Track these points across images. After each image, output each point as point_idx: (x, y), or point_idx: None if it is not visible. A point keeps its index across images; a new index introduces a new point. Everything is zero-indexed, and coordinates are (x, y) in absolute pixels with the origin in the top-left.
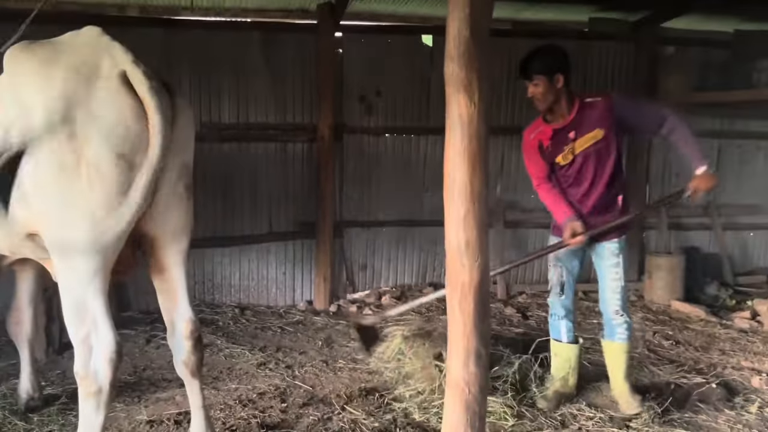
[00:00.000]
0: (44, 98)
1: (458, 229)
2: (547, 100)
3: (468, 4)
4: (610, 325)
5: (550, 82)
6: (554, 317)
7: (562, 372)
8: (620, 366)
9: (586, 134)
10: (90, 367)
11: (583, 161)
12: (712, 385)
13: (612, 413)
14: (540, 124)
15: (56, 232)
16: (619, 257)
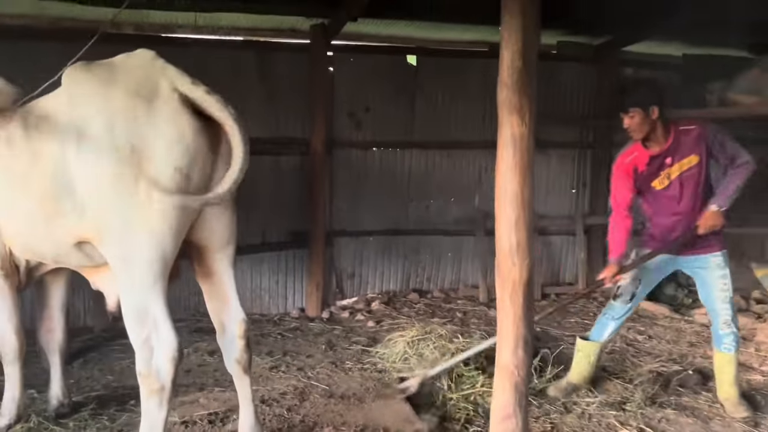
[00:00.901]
0: (105, 115)
1: (510, 233)
2: (642, 130)
3: (520, 39)
4: (717, 335)
5: (646, 115)
6: (607, 317)
7: (580, 366)
8: (727, 374)
9: (682, 160)
10: (152, 366)
11: (680, 185)
12: (688, 371)
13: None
14: (637, 149)
15: (116, 243)
16: (725, 269)
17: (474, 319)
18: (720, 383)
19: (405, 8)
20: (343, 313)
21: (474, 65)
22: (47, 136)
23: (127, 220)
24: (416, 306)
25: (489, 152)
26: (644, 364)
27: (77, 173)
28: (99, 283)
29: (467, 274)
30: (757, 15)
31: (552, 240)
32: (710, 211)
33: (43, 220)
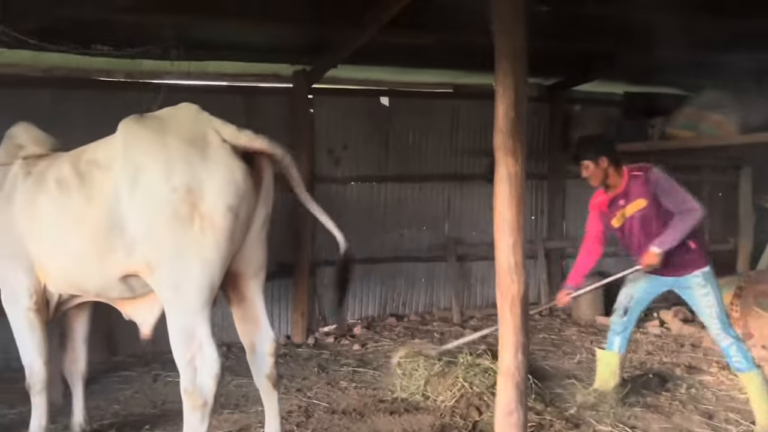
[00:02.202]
0: (163, 161)
1: (508, 254)
2: (597, 178)
3: (513, 94)
4: (726, 354)
5: (596, 165)
6: (611, 331)
7: (602, 374)
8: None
9: (632, 202)
10: (196, 384)
11: (632, 224)
12: (649, 375)
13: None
14: (601, 194)
15: (170, 273)
16: (706, 287)
17: (451, 338)
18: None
19: (378, 55)
20: (328, 339)
21: (441, 105)
22: (100, 179)
23: (182, 251)
24: (395, 329)
25: (455, 184)
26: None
27: (129, 213)
28: (133, 313)
29: (439, 297)
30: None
31: None
32: (650, 251)
33: (94, 257)
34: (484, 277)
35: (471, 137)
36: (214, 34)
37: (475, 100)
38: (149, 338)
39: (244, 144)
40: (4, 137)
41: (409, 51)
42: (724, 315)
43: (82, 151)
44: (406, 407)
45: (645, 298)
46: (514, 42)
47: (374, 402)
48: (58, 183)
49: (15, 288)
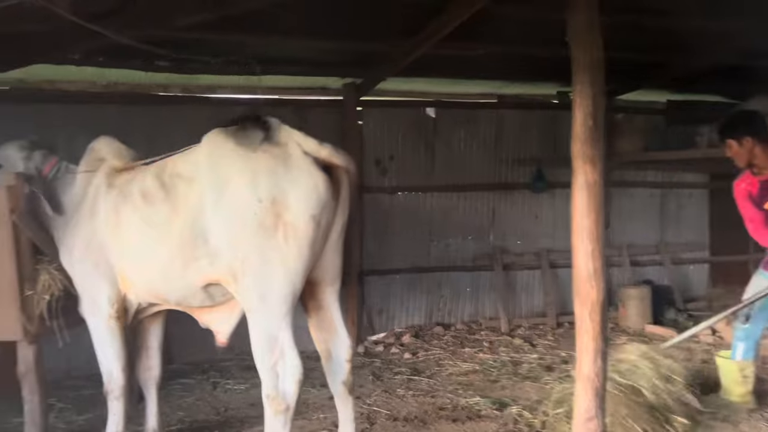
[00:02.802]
0: (249, 173)
1: (587, 261)
2: (742, 159)
3: (591, 103)
4: None
5: (740, 145)
6: (735, 339)
7: (725, 382)
8: None
9: None
10: (279, 389)
11: None
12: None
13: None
14: (748, 176)
15: (255, 281)
16: None
17: (502, 347)
18: None
19: (425, 67)
20: (377, 347)
21: (485, 115)
22: (185, 191)
23: (266, 260)
24: (443, 338)
25: (500, 193)
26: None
27: (214, 223)
28: (211, 321)
29: (485, 306)
30: (735, 64)
31: (560, 272)
32: None
33: (177, 267)
34: (529, 286)
35: (515, 146)
36: (270, 50)
37: (519, 109)
38: (225, 345)
39: (323, 157)
40: (87, 150)
41: (455, 63)
42: None
43: (165, 164)
44: (468, 415)
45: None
46: (591, 52)
47: (434, 409)
48: (143, 195)
49: (96, 297)
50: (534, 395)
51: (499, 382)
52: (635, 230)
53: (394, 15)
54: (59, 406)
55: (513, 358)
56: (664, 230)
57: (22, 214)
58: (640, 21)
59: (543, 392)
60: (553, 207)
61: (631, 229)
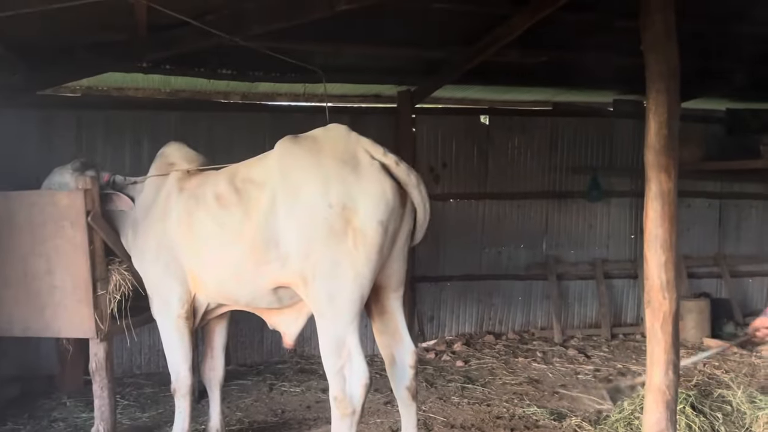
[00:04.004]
0: (320, 179)
1: (660, 272)
2: None
3: (665, 111)
4: None
5: None
6: None
7: None
8: None
9: None
10: (346, 393)
11: None
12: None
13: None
14: None
15: (325, 284)
16: None
17: (555, 358)
18: None
19: (480, 75)
20: (429, 355)
21: (539, 123)
22: (257, 196)
23: (336, 265)
24: (495, 347)
25: (554, 202)
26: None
27: (285, 228)
28: (278, 323)
29: (537, 316)
30: None
31: (614, 283)
32: None
33: (248, 269)
34: (581, 296)
35: (570, 155)
36: (330, 58)
37: (574, 117)
38: (292, 347)
39: (389, 166)
40: (157, 155)
41: (511, 70)
42: None
43: (236, 169)
44: (525, 424)
45: None
46: (668, 60)
47: (491, 418)
48: (217, 198)
49: (167, 296)
50: (592, 407)
51: (556, 393)
52: (692, 241)
53: (454, 23)
54: (123, 403)
55: (567, 369)
56: (723, 242)
57: (96, 216)
58: (703, 28)
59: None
60: (608, 216)
61: (688, 240)
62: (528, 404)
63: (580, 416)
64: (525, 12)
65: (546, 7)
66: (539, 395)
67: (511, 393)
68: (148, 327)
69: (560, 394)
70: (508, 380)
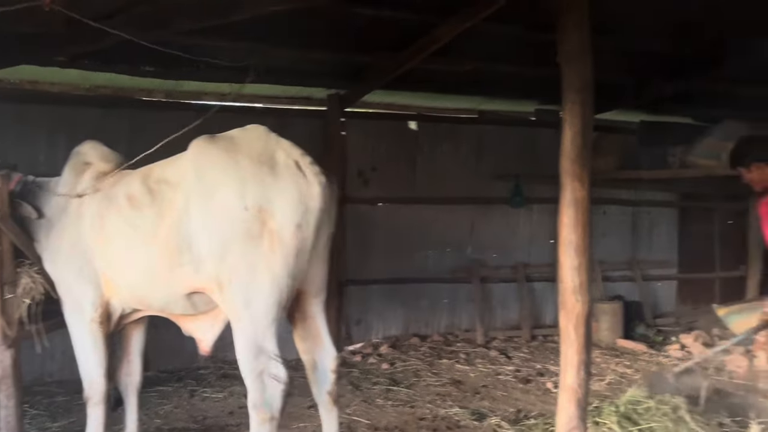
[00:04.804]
0: (236, 180)
1: (573, 276)
2: (757, 184)
3: (580, 122)
4: None
5: (749, 172)
6: None
7: None
8: None
9: None
10: (265, 398)
11: None
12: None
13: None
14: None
15: (241, 289)
16: None
17: (478, 359)
18: None
19: (409, 81)
20: (355, 357)
21: (466, 130)
22: (171, 197)
23: (252, 268)
24: (421, 349)
25: (479, 207)
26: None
27: (199, 230)
28: (194, 330)
29: (461, 318)
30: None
31: (535, 286)
32: None
33: (161, 273)
34: (504, 299)
35: (494, 162)
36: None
37: (499, 125)
38: (208, 354)
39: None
40: (72, 154)
41: (439, 78)
42: None
43: (151, 169)
44: (447, 425)
45: None
46: (582, 74)
47: (414, 419)
48: (129, 199)
49: (80, 300)
50: (511, 406)
51: (477, 394)
52: (607, 247)
53: (383, 29)
54: (32, 413)
55: (489, 370)
56: (636, 247)
57: (4, 217)
58: (619, 43)
59: (520, 404)
60: (529, 222)
61: (603, 245)
62: (450, 405)
63: (500, 416)
64: (451, 22)
65: (470, 19)
66: (461, 396)
67: (435, 394)
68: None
69: (480, 395)
70: (432, 382)
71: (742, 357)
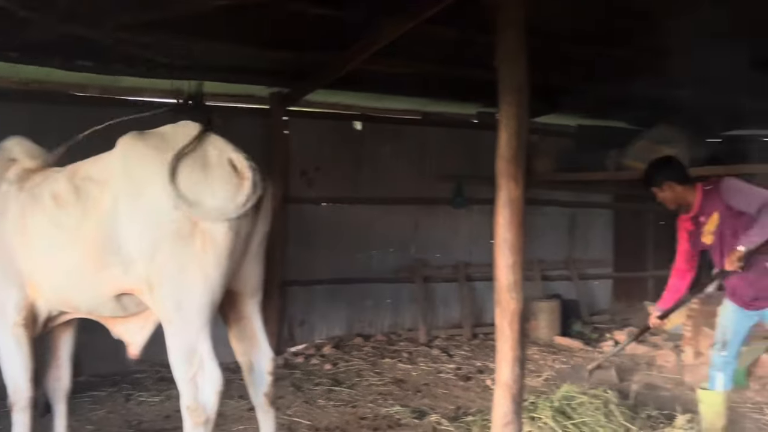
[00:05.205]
0: (164, 178)
1: (508, 273)
2: (670, 202)
3: (515, 123)
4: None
5: (662, 191)
6: (712, 369)
7: (707, 416)
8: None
9: (710, 217)
10: (199, 401)
11: (720, 239)
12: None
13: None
14: (683, 214)
15: (172, 290)
16: None
17: (420, 358)
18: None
19: (353, 81)
20: (298, 359)
21: (410, 131)
22: (97, 195)
23: (184, 269)
24: (364, 349)
25: (422, 208)
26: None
27: (127, 230)
28: (123, 332)
29: (405, 318)
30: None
31: (476, 285)
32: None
33: (88, 274)
34: (446, 298)
35: (438, 163)
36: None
37: (442, 127)
38: (137, 358)
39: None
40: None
41: (384, 78)
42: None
43: (78, 167)
44: (388, 424)
45: (740, 331)
46: (518, 76)
47: (355, 419)
48: (54, 198)
49: (3, 303)
50: (452, 404)
51: (419, 392)
52: (546, 246)
53: (327, 28)
54: None
55: (431, 369)
56: (573, 247)
57: None
58: (557, 48)
59: (460, 401)
60: (471, 222)
61: (542, 245)
62: (392, 404)
63: (440, 413)
64: (394, 23)
65: (413, 19)
66: (403, 394)
67: (377, 393)
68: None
69: (422, 393)
70: (374, 381)
71: (670, 352)
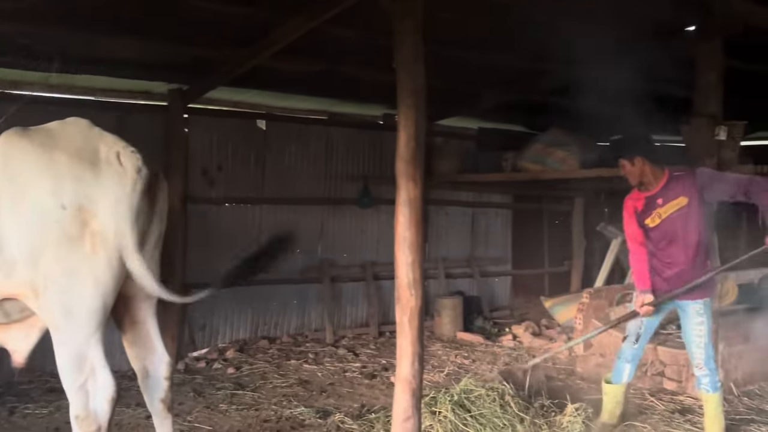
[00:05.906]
0: (51, 178)
1: (408, 271)
2: (634, 177)
3: (413, 125)
4: (696, 376)
5: (632, 164)
6: (621, 360)
7: (609, 407)
8: (709, 414)
9: (671, 201)
10: (90, 409)
11: (670, 224)
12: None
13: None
14: (636, 193)
15: (59, 295)
16: (703, 316)
17: (326, 358)
18: (706, 421)
19: (256, 79)
20: (199, 364)
21: (315, 131)
22: None
23: (72, 271)
24: (269, 351)
25: (328, 208)
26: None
27: (9, 231)
28: (6, 340)
29: (311, 319)
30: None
31: (383, 284)
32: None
33: None
34: (353, 298)
35: (344, 163)
36: (88, 47)
37: (348, 128)
38: (23, 367)
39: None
40: None
41: (288, 77)
42: (711, 347)
43: None
44: (292, 425)
45: (653, 324)
46: (415, 79)
47: (258, 422)
48: None
49: None
50: (356, 402)
51: (324, 392)
52: (449, 245)
53: (227, 23)
54: None
55: (337, 368)
56: (474, 246)
57: None
58: (458, 55)
59: (364, 399)
60: (378, 222)
61: (445, 244)
62: (296, 405)
63: (344, 412)
64: (295, 21)
65: (313, 20)
66: (308, 395)
67: (281, 395)
68: None
69: (327, 393)
70: (278, 383)
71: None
